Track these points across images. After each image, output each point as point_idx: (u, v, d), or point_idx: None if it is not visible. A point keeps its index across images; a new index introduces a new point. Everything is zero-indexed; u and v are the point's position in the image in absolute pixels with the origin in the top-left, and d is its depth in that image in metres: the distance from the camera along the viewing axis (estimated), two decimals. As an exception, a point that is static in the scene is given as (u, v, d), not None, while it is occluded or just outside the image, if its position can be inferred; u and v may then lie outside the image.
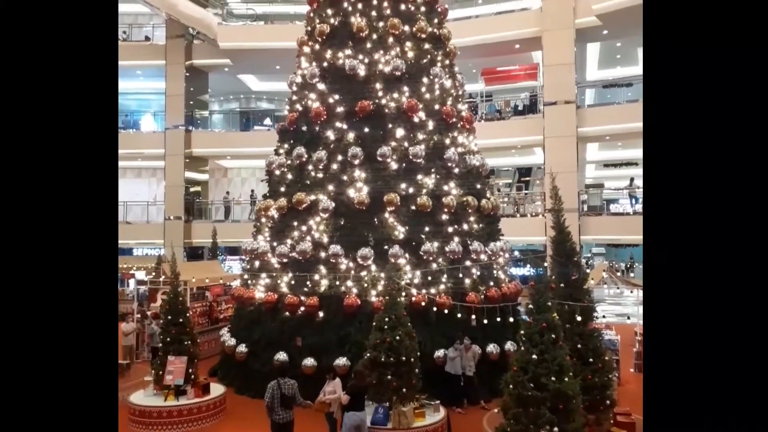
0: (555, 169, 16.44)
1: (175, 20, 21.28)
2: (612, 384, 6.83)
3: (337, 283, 9.12)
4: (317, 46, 10.46)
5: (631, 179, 20.97)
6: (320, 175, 9.81)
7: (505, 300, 9.41)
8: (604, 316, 15.13)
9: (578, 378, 5.48)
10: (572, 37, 18.17)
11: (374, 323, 7.47)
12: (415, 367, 7.33)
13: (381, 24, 10.09)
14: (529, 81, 21.03)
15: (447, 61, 10.67)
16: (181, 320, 8.28)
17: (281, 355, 8.83)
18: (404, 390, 7.16)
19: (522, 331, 5.18)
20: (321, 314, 9.06)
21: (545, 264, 8.87)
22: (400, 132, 9.72)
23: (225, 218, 22.00)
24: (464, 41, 17.16)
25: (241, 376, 9.49)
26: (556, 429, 4.87)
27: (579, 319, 6.24)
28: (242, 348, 9.49)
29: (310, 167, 9.91)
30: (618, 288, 14.09)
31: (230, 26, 22.16)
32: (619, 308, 20.03)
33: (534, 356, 4.95)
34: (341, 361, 8.45)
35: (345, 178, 9.61)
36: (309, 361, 8.69)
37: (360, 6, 10.20)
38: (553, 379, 4.93)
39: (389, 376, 7.08)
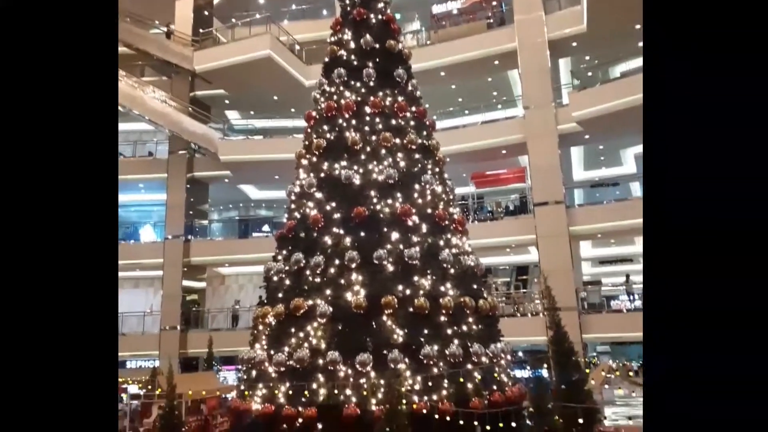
0: (550, 268, 16.73)
1: (178, 136, 22.42)
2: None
3: (336, 391, 8.90)
4: (314, 159, 11.04)
5: (627, 276, 21.12)
6: (318, 280, 9.93)
7: (509, 405, 9.15)
8: (615, 420, 14.52)
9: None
10: (556, 142, 19.16)
11: (375, 433, 7.23)
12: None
13: (374, 137, 10.74)
14: (518, 183, 21.85)
15: (437, 169, 11.23)
16: (175, 436, 8.01)
17: (278, 472, 8.41)
18: (408, 506, 6.77)
19: (525, 436, 5.07)
20: (320, 426, 8.75)
21: (544, 365, 8.77)
22: (395, 235, 9.99)
23: (233, 326, 21.73)
24: (453, 149, 18.11)
25: (236, 496, 8.96)
26: None
27: (581, 421, 6.10)
28: (237, 465, 9.05)
29: (308, 272, 10.05)
30: (620, 388, 13.72)
31: (231, 140, 23.33)
32: (629, 410, 19.27)
33: (539, 463, 4.81)
34: (341, 476, 8.05)
35: (342, 281, 9.72)
36: (307, 478, 8.27)
37: (354, 122, 10.92)
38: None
39: (392, 492, 6.73)
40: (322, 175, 10.78)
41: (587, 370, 9.59)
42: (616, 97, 17.55)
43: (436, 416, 8.40)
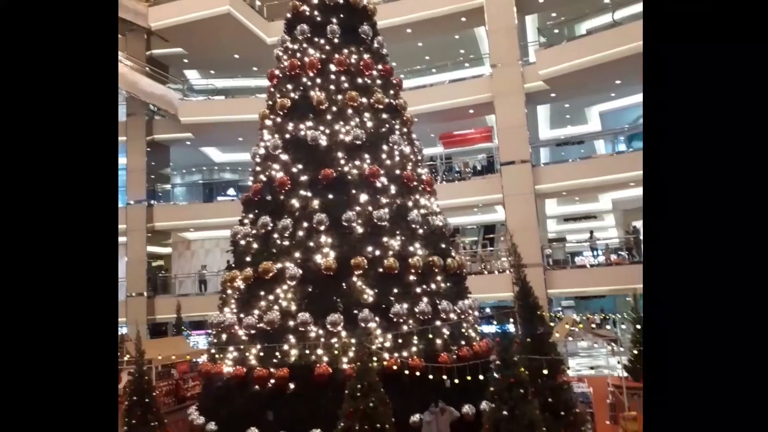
0: (516, 226, 17.00)
1: (135, 97, 21.57)
2: (586, 437, 6.85)
3: (307, 351, 8.98)
4: (279, 119, 10.79)
5: (591, 232, 21.67)
6: (286, 243, 9.86)
7: (477, 358, 9.41)
8: (578, 370, 15.14)
9: (551, 433, 5.51)
10: (522, 101, 19.17)
11: (347, 391, 7.35)
12: (391, 434, 7.18)
13: (340, 97, 10.53)
14: (485, 143, 21.91)
15: (405, 129, 11.14)
16: (146, 401, 8.00)
17: (253, 431, 8.53)
18: (380, 459, 6.96)
19: (492, 389, 5.23)
20: (291, 386, 8.85)
21: (511, 320, 9.03)
22: (363, 197, 9.95)
23: (201, 291, 21.51)
24: (421, 108, 17.95)
25: (211, 456, 9.06)
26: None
27: (545, 372, 6.33)
28: (212, 426, 9.11)
29: (276, 236, 9.97)
30: (583, 340, 14.24)
31: (191, 101, 22.58)
32: (591, 360, 20.11)
33: (505, 413, 4.99)
34: (315, 433, 8.21)
35: (311, 244, 9.68)
36: (281, 436, 8.40)
37: (319, 81, 10.66)
38: (526, 435, 4.95)
39: (364, 446, 6.90)
40: (287, 136, 10.57)
41: (552, 324, 9.92)
42: (582, 55, 17.58)
43: (407, 372, 8.61)
